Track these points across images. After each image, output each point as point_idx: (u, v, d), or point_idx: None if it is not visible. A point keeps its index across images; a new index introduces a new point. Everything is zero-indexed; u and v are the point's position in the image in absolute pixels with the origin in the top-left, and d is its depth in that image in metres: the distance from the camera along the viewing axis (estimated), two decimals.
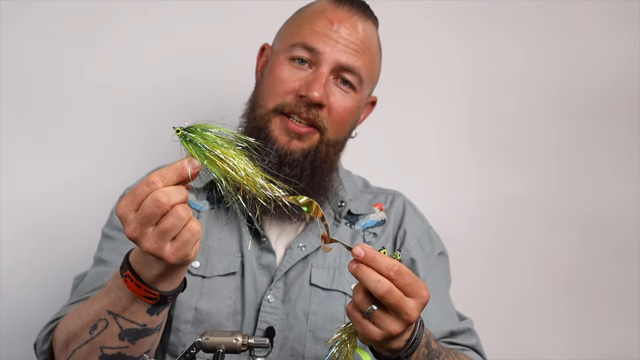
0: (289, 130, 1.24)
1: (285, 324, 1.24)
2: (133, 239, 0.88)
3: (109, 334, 0.98)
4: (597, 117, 1.83)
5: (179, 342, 1.23)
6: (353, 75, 1.27)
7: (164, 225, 0.86)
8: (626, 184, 1.82)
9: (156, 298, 0.94)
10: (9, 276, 1.56)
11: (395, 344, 0.95)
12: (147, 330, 0.98)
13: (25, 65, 1.59)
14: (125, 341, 0.98)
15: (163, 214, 0.86)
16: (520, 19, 1.82)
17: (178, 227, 0.86)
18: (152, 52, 1.65)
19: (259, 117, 1.26)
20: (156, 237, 0.87)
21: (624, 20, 1.84)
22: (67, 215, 1.59)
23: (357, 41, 1.27)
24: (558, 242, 1.81)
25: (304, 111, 1.24)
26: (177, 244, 0.87)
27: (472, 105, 1.80)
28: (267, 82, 1.28)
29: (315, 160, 1.26)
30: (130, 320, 0.97)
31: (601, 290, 1.81)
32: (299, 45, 1.26)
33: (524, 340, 1.78)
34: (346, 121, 1.29)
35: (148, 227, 0.87)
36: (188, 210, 0.87)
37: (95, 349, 1.00)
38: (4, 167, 1.57)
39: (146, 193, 0.86)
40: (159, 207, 0.85)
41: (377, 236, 1.34)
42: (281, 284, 1.26)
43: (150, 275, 0.93)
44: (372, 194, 1.41)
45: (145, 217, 0.86)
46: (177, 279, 0.95)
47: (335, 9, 1.29)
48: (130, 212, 0.87)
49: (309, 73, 1.25)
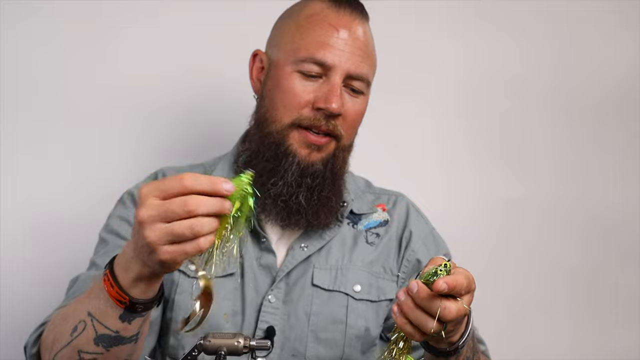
0: (310, 143, 1.25)
1: (286, 324, 1.24)
2: (141, 223, 0.87)
3: (86, 337, 0.98)
4: (599, 119, 1.83)
5: (179, 344, 1.23)
6: (361, 82, 1.27)
7: (175, 228, 0.86)
8: (628, 186, 1.82)
9: (126, 303, 0.93)
10: (8, 278, 1.55)
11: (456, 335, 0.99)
12: (120, 338, 0.98)
13: (25, 66, 1.58)
14: (100, 347, 0.98)
15: (182, 218, 0.85)
16: (521, 20, 1.82)
17: (186, 237, 0.86)
18: (153, 55, 1.65)
19: (276, 132, 1.25)
20: (162, 233, 0.86)
21: (625, 22, 1.84)
22: (67, 218, 1.58)
23: (362, 45, 1.27)
24: (559, 244, 1.81)
25: (323, 124, 1.24)
26: (177, 248, 0.87)
27: (473, 107, 1.80)
28: (277, 96, 1.27)
29: (334, 167, 1.27)
30: (104, 325, 0.96)
31: (603, 293, 1.81)
32: (308, 60, 1.24)
33: (525, 342, 1.78)
34: (358, 124, 1.31)
35: (162, 221, 0.86)
36: (205, 226, 0.86)
37: (74, 352, 0.99)
38: (4, 168, 1.57)
39: (175, 187, 0.86)
40: (184, 211, 0.85)
41: (379, 237, 1.34)
42: (283, 284, 1.26)
43: (126, 278, 0.92)
44: (375, 194, 1.41)
45: (166, 211, 0.85)
46: (151, 287, 0.94)
47: (337, 14, 1.27)
48: (153, 197, 0.87)
49: (320, 84, 1.25)
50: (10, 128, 1.57)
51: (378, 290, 1.30)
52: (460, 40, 1.80)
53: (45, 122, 1.59)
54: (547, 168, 1.81)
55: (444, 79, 1.79)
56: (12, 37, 1.57)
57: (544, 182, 1.81)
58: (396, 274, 1.32)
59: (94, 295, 0.97)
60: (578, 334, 1.80)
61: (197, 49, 1.66)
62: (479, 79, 1.80)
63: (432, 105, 1.79)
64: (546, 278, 1.80)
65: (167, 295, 1.24)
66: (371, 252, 1.32)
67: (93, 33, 1.62)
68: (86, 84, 1.61)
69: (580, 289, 1.81)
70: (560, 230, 1.81)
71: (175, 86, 1.66)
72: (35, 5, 1.58)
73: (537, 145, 1.81)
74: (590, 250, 1.81)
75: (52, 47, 1.60)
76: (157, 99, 1.65)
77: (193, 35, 1.66)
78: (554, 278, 1.80)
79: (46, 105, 1.59)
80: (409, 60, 1.75)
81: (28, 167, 1.58)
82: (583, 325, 1.80)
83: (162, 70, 1.65)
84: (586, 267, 1.81)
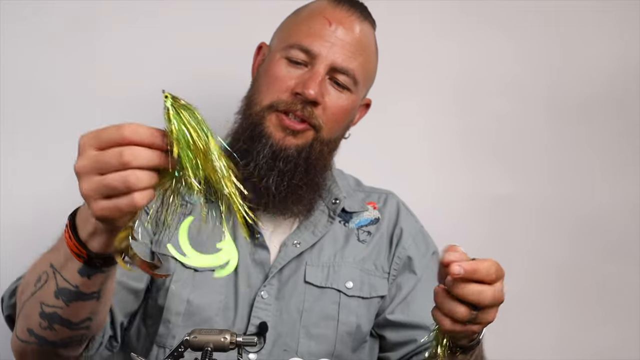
0: (285, 126, 1.24)
1: (278, 320, 1.25)
2: (77, 174, 0.81)
3: (47, 289, 0.94)
4: (588, 118, 1.83)
5: (169, 333, 1.23)
6: (347, 77, 1.27)
7: (108, 179, 0.79)
8: (615, 184, 1.83)
9: (83, 257, 0.88)
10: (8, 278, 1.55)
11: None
12: (80, 294, 0.93)
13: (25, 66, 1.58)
14: (60, 300, 0.94)
15: (117, 170, 0.78)
16: (511, 20, 1.82)
17: (119, 190, 0.79)
18: (153, 55, 1.65)
19: (254, 114, 1.26)
20: (95, 185, 0.80)
21: (615, 21, 1.84)
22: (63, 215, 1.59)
23: (354, 42, 1.28)
24: (547, 242, 1.81)
25: (299, 109, 1.24)
26: (109, 203, 0.80)
27: (463, 106, 1.80)
28: (263, 80, 1.29)
29: (309, 157, 1.27)
30: (64, 278, 0.92)
31: (589, 290, 1.82)
32: (296, 46, 1.26)
33: (512, 339, 1.78)
34: (341, 120, 1.30)
35: (97, 172, 0.80)
36: (140, 179, 0.78)
37: (37, 303, 0.96)
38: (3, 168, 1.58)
39: (112, 137, 0.80)
40: (118, 162, 0.78)
41: (371, 234, 1.35)
42: (275, 281, 1.27)
43: (84, 230, 0.87)
44: (365, 192, 1.42)
45: (100, 162, 0.79)
46: (106, 241, 0.86)
47: (334, 9, 1.29)
48: (90, 147, 0.81)
49: (304, 71, 1.26)
50: (9, 127, 1.57)
51: (370, 287, 1.31)
52: (452, 40, 1.80)
53: (45, 121, 1.59)
54: (535, 167, 1.82)
55: (435, 78, 1.80)
56: (12, 36, 1.58)
57: (532, 180, 1.81)
58: (387, 272, 1.34)
59: (58, 246, 0.93)
60: (565, 331, 1.81)
61: (197, 48, 1.66)
62: (469, 78, 1.80)
63: (422, 104, 1.79)
64: (533, 276, 1.80)
65: (161, 283, 1.23)
66: (362, 250, 1.33)
67: (93, 32, 1.62)
68: (85, 83, 1.61)
69: (567, 286, 1.81)
70: (547, 228, 1.81)
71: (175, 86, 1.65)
72: (35, 5, 1.59)
73: (526, 143, 1.82)
74: (577, 248, 1.81)
75: (52, 46, 1.60)
76: (157, 98, 1.65)
77: (193, 35, 1.66)
78: (542, 275, 1.80)
79: (46, 105, 1.60)
80: (398, 59, 1.75)
81: (28, 166, 1.59)
82: (570, 322, 1.81)
83: (162, 70, 1.65)
84: (573, 265, 1.81)
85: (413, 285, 1.32)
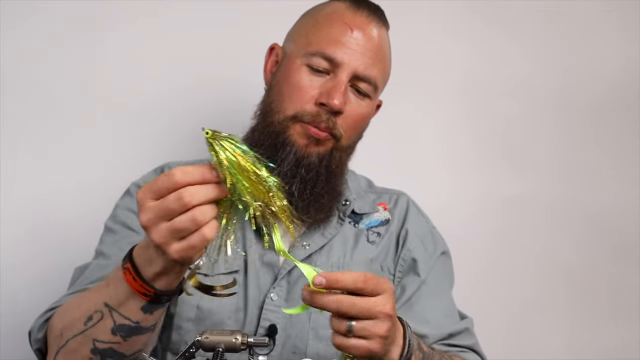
0: (310, 135, 1.24)
1: (287, 322, 1.25)
2: (145, 227, 0.88)
3: (103, 327, 0.98)
4: (598, 118, 1.83)
5: (181, 340, 1.23)
6: (368, 85, 1.27)
7: (177, 223, 0.86)
8: (626, 185, 1.83)
9: (151, 295, 0.94)
10: (8, 278, 1.56)
11: (394, 351, 0.97)
12: (140, 329, 0.98)
13: (25, 66, 1.58)
14: (117, 336, 0.98)
15: (181, 212, 0.85)
16: (521, 20, 1.82)
17: (190, 230, 0.86)
18: (153, 55, 1.65)
19: (277, 122, 1.25)
20: (166, 232, 0.86)
21: (624, 22, 1.84)
22: (67, 216, 1.59)
23: (374, 48, 1.27)
24: (558, 242, 1.81)
25: (323, 120, 1.23)
26: (184, 244, 0.87)
27: (473, 107, 1.80)
28: (284, 87, 1.27)
29: (330, 165, 1.26)
30: (124, 315, 0.96)
31: (600, 292, 1.82)
32: (318, 54, 1.25)
33: (522, 340, 1.78)
34: (359, 127, 1.30)
35: (163, 220, 0.86)
36: (205, 214, 0.86)
37: (87, 340, 0.99)
38: (3, 167, 1.58)
39: (166, 185, 0.86)
40: (180, 205, 0.85)
41: (380, 236, 1.34)
42: (284, 282, 1.26)
43: (150, 271, 0.93)
44: (377, 193, 1.42)
45: (163, 210, 0.86)
46: (175, 279, 0.95)
47: (354, 14, 1.27)
48: (148, 200, 0.87)
49: (326, 80, 1.25)
50: (10, 127, 1.57)
51: None
52: (461, 41, 1.80)
53: (45, 121, 1.59)
54: (546, 167, 1.82)
55: (445, 79, 1.80)
56: (12, 37, 1.57)
57: (542, 181, 1.81)
58: (392, 273, 1.33)
59: (111, 287, 0.97)
60: (575, 333, 1.80)
61: (197, 47, 1.66)
62: (480, 80, 1.80)
63: (435, 105, 1.80)
64: (544, 277, 1.80)
65: None
66: (371, 251, 1.33)
67: (93, 32, 1.62)
68: (86, 83, 1.62)
69: (577, 287, 1.81)
70: (558, 228, 1.81)
71: (175, 86, 1.66)
72: (35, 5, 1.58)
73: (536, 144, 1.82)
74: (587, 248, 1.81)
75: (52, 46, 1.60)
76: (158, 98, 1.65)
77: (193, 34, 1.66)
78: (552, 276, 1.80)
79: (46, 105, 1.60)
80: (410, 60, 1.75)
81: (28, 166, 1.58)
82: (580, 324, 1.81)
83: (162, 69, 1.65)
84: (584, 266, 1.81)
85: (417, 287, 1.32)
